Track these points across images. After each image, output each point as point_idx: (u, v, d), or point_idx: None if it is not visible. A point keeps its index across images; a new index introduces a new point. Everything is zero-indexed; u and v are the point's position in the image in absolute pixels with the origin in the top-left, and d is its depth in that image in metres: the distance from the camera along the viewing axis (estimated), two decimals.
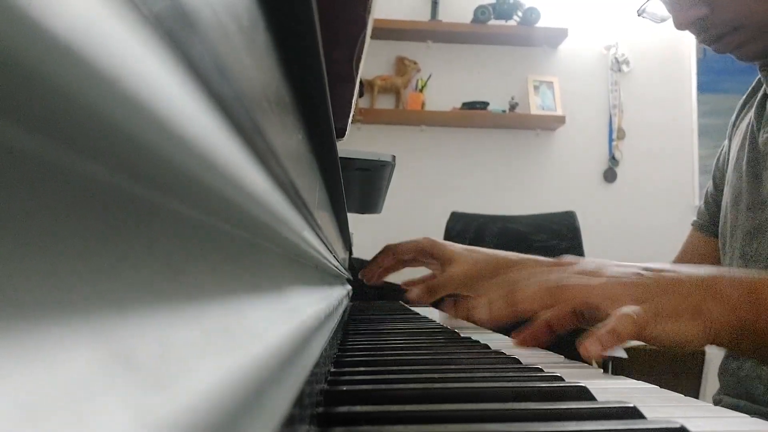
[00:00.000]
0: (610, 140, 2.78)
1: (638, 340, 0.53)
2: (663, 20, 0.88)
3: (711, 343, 0.54)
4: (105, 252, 0.10)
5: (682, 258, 0.98)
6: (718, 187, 0.92)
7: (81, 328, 0.09)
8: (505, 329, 0.68)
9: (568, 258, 0.66)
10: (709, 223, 0.94)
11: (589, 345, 0.53)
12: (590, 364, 0.55)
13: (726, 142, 0.92)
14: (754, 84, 0.87)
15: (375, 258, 1.01)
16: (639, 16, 0.93)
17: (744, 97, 0.89)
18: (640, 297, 0.54)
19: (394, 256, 0.98)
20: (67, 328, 0.08)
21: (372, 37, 0.56)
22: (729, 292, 0.54)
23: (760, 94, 0.81)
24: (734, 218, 0.80)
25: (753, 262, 0.75)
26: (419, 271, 1.03)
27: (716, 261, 0.88)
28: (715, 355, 2.14)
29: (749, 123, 0.82)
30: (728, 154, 0.89)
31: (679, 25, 0.75)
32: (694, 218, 0.98)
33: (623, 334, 0.52)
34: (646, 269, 0.57)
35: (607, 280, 0.56)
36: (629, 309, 0.53)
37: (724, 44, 0.73)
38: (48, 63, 0.07)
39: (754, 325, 0.52)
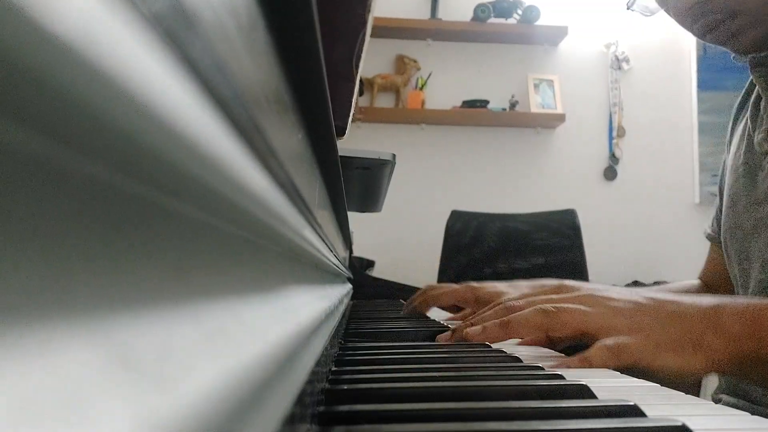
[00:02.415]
0: (610, 138, 2.78)
1: (637, 369, 0.53)
2: (652, 13, 0.87)
3: (714, 372, 0.54)
4: (104, 251, 0.10)
5: (708, 271, 0.98)
6: (723, 198, 0.92)
7: (81, 327, 0.09)
8: None
9: (568, 283, 0.65)
10: (720, 236, 0.94)
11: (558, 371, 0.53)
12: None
13: (726, 153, 0.92)
14: (746, 87, 0.87)
15: (413, 302, 1.00)
16: (628, 9, 0.92)
17: (738, 102, 0.89)
18: (638, 327, 0.54)
19: (434, 303, 0.98)
20: (66, 328, 0.08)
21: (372, 36, 0.56)
22: (731, 323, 0.53)
23: (753, 96, 0.81)
24: (733, 219, 0.80)
25: (755, 263, 0.75)
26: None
27: None
28: None
29: (745, 125, 0.82)
30: (726, 162, 0.89)
31: (677, 13, 0.74)
32: (708, 231, 0.97)
33: (596, 365, 0.52)
34: (646, 298, 0.57)
35: (605, 309, 0.56)
36: (611, 341, 0.53)
37: (720, 33, 0.72)
38: (47, 62, 0.07)
39: (757, 356, 0.52)
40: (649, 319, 0.55)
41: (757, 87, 0.79)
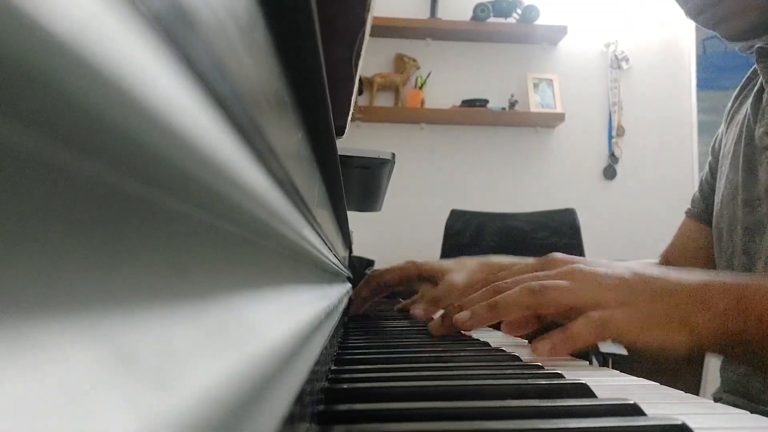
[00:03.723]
0: (610, 137, 2.78)
1: (623, 345, 0.53)
2: None
3: (698, 351, 0.54)
4: (104, 251, 0.10)
5: (676, 247, 0.96)
6: (714, 173, 0.91)
7: (80, 327, 0.09)
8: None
9: (557, 255, 0.64)
10: (704, 211, 0.93)
11: (540, 346, 0.53)
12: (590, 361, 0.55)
13: (722, 127, 0.91)
14: (749, 73, 0.86)
15: (359, 290, 0.97)
16: None
17: (740, 85, 0.88)
18: (625, 301, 0.54)
19: (378, 286, 0.95)
20: (66, 328, 0.08)
21: (371, 35, 0.56)
22: (717, 300, 0.53)
23: (756, 87, 0.81)
24: (732, 213, 0.80)
25: (757, 259, 0.75)
26: None
27: (711, 250, 0.88)
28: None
29: (745, 115, 0.81)
30: (725, 142, 0.88)
31: None
32: (688, 206, 0.96)
33: (579, 339, 0.52)
34: (633, 273, 0.57)
35: (592, 284, 0.55)
36: (596, 314, 0.53)
37: (707, 17, 0.72)
38: (47, 62, 0.07)
39: (742, 334, 0.52)
40: (635, 294, 0.54)
41: (760, 78, 0.79)
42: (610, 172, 2.77)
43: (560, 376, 0.42)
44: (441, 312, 0.70)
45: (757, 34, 0.72)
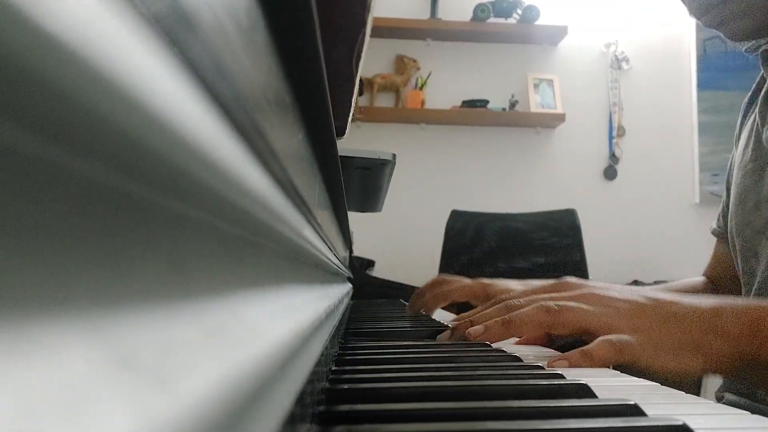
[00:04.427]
0: (610, 138, 2.78)
1: (637, 368, 0.53)
2: None
3: (712, 374, 0.54)
4: (105, 251, 0.10)
5: (713, 267, 0.97)
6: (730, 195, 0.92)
7: (80, 326, 0.09)
8: None
9: (570, 279, 0.65)
10: (726, 232, 0.93)
11: (558, 365, 0.53)
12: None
13: (734, 149, 0.91)
14: (757, 81, 0.86)
15: (424, 292, 0.98)
16: None
17: (747, 97, 0.88)
18: (639, 327, 0.54)
19: (443, 296, 0.96)
20: (66, 327, 0.08)
21: (371, 36, 0.56)
22: (730, 325, 0.53)
23: (763, 91, 0.81)
24: (741, 216, 0.80)
25: (762, 261, 0.75)
26: None
27: None
28: None
29: (754, 121, 0.81)
30: (734, 157, 0.89)
31: None
32: (714, 226, 0.97)
33: (598, 360, 0.52)
34: (647, 298, 0.57)
35: (606, 308, 0.56)
36: (614, 337, 0.53)
37: (712, 17, 0.72)
38: (46, 62, 0.07)
39: (756, 358, 0.52)
40: (649, 319, 0.55)
41: (767, 82, 0.79)
42: (610, 173, 2.77)
43: (561, 376, 0.42)
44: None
45: (761, 34, 0.72)
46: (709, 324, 0.54)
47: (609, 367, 0.52)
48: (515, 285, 0.91)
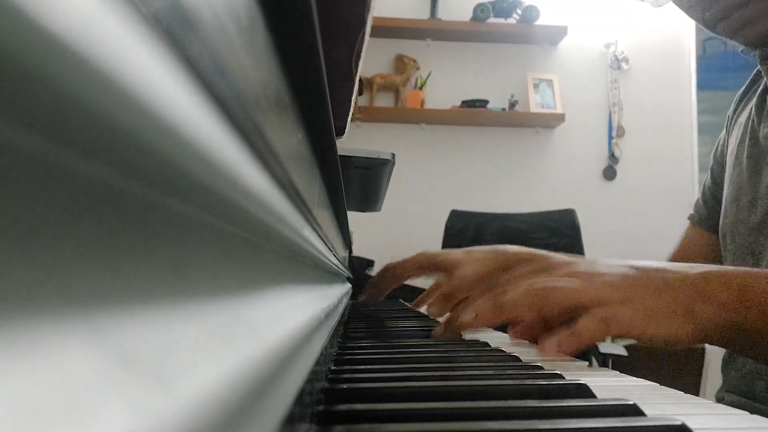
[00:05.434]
0: (610, 138, 2.78)
1: (629, 338, 0.53)
2: (660, 5, 0.88)
3: (702, 342, 0.54)
4: (105, 251, 0.10)
5: (680, 253, 0.97)
6: (716, 180, 0.92)
7: (81, 326, 0.09)
8: (504, 327, 0.68)
9: (555, 259, 0.65)
10: (706, 217, 0.93)
11: (547, 344, 0.53)
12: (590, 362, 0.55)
13: (723, 133, 0.91)
14: (752, 76, 0.86)
15: (376, 281, 1.00)
16: None
17: (742, 89, 0.88)
18: (628, 297, 0.54)
19: (395, 277, 0.98)
20: (67, 327, 0.08)
21: (371, 36, 0.56)
22: (719, 291, 0.53)
23: (760, 88, 0.81)
24: (735, 214, 0.80)
25: (764, 259, 0.75)
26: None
27: (716, 256, 0.88)
28: (715, 353, 2.14)
29: (749, 116, 0.81)
30: (726, 147, 0.89)
31: (689, 2, 0.72)
32: (692, 212, 0.97)
33: (585, 335, 0.52)
34: (635, 268, 0.57)
35: (595, 282, 0.56)
36: (600, 311, 0.53)
37: (731, 22, 0.70)
38: (46, 62, 0.07)
39: (744, 324, 0.52)
40: (638, 289, 0.55)
41: (764, 79, 0.79)
42: (610, 173, 2.77)
43: (560, 376, 0.42)
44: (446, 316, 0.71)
45: None
46: (698, 290, 0.54)
47: (601, 341, 0.52)
48: (458, 253, 0.91)
